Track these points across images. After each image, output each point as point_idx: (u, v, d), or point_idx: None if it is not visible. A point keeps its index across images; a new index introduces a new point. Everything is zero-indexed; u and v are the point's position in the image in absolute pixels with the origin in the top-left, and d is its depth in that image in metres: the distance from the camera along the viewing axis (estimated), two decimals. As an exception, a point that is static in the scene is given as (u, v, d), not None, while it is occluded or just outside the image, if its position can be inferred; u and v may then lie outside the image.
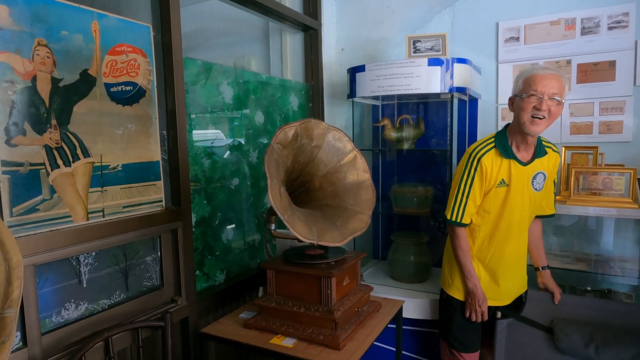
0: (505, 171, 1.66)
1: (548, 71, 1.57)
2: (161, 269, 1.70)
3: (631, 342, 1.63)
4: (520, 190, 1.68)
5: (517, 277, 1.82)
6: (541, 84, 1.54)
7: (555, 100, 1.54)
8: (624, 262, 2.14)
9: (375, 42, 2.58)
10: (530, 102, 1.56)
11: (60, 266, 1.37)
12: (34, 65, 1.24)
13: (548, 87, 1.54)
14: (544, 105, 1.54)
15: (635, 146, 2.20)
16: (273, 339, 1.62)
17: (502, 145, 1.66)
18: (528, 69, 1.62)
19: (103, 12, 1.43)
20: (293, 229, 1.50)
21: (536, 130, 1.58)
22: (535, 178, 1.70)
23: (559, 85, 1.55)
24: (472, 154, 1.68)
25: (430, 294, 2.14)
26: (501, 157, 1.65)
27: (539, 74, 1.56)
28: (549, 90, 1.54)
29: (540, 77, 1.55)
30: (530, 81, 1.57)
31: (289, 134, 1.63)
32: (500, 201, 1.69)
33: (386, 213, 2.62)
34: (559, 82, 1.55)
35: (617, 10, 2.19)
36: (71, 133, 1.34)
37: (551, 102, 1.55)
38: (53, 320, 1.36)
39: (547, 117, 1.55)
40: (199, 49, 2.39)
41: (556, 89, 1.54)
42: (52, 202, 1.30)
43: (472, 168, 1.66)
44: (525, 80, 1.59)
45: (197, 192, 1.87)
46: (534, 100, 1.55)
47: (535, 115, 1.55)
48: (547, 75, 1.55)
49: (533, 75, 1.57)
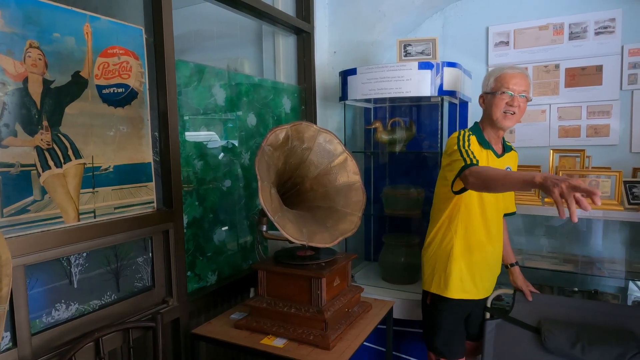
0: (484, 161, 1.70)
1: (516, 70, 1.68)
2: (152, 269, 1.71)
3: (616, 342, 1.66)
4: None
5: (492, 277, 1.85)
6: (512, 82, 1.66)
7: (524, 97, 1.67)
8: (610, 264, 2.17)
9: (367, 46, 2.60)
10: (503, 99, 1.67)
11: (51, 267, 1.38)
12: (25, 67, 1.25)
13: (518, 85, 1.65)
14: (515, 101, 1.65)
15: (622, 149, 2.24)
16: (264, 340, 1.63)
17: (480, 137, 1.73)
18: (497, 68, 1.73)
19: (95, 14, 1.44)
20: (283, 230, 1.51)
21: (509, 124, 1.70)
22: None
23: (526, 84, 1.68)
24: (461, 132, 1.67)
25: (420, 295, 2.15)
26: (480, 146, 1.70)
27: (509, 73, 1.67)
28: (519, 88, 1.65)
29: (510, 76, 1.66)
30: (502, 79, 1.67)
31: (280, 136, 1.65)
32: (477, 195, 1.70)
33: (378, 215, 2.64)
34: (526, 80, 1.68)
35: (604, 16, 2.23)
36: (62, 134, 1.35)
37: (521, 99, 1.67)
38: (43, 321, 1.36)
39: (517, 112, 1.67)
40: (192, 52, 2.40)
41: (524, 86, 1.67)
42: (43, 203, 1.30)
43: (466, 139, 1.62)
44: (496, 78, 1.70)
45: (189, 193, 1.88)
46: (506, 97, 1.66)
47: (507, 110, 1.67)
48: (516, 74, 1.67)
49: (504, 74, 1.67)
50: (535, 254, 2.32)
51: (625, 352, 1.63)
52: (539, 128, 2.40)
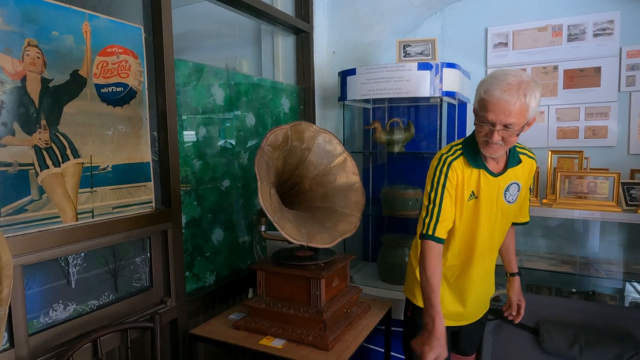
0: (474, 182, 1.46)
1: (505, 96, 1.27)
2: (151, 270, 1.70)
3: (614, 343, 1.67)
4: (490, 204, 1.47)
5: (484, 297, 1.66)
6: (493, 113, 1.29)
7: (510, 130, 1.30)
8: (608, 265, 2.18)
9: (366, 46, 2.60)
10: (482, 130, 1.35)
11: (49, 267, 1.37)
12: (23, 66, 1.24)
13: (501, 115, 1.28)
14: (495, 136, 1.31)
15: (620, 151, 2.24)
16: (262, 340, 1.63)
17: (471, 154, 1.45)
18: (487, 82, 1.33)
19: (94, 13, 1.43)
20: (283, 230, 1.51)
21: (492, 153, 1.39)
22: (508, 190, 1.49)
23: (516, 111, 1.28)
24: (441, 158, 1.47)
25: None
26: (470, 167, 1.45)
27: (493, 100, 1.29)
28: (502, 120, 1.29)
29: (492, 105, 1.29)
30: (483, 105, 1.32)
31: (279, 136, 1.65)
32: (468, 216, 1.48)
33: (376, 215, 2.64)
34: (516, 107, 1.27)
35: (602, 18, 2.24)
36: (61, 133, 1.34)
37: (505, 132, 1.31)
38: (41, 321, 1.35)
39: (502, 144, 1.35)
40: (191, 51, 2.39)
41: (512, 116, 1.28)
42: (41, 202, 1.29)
43: (442, 174, 1.44)
44: (479, 100, 1.35)
45: (188, 193, 1.87)
46: (486, 128, 1.33)
47: (488, 140, 1.35)
48: (502, 102, 1.27)
49: (486, 100, 1.31)
50: (533, 255, 2.33)
51: (623, 353, 1.64)
52: (537, 129, 2.40)
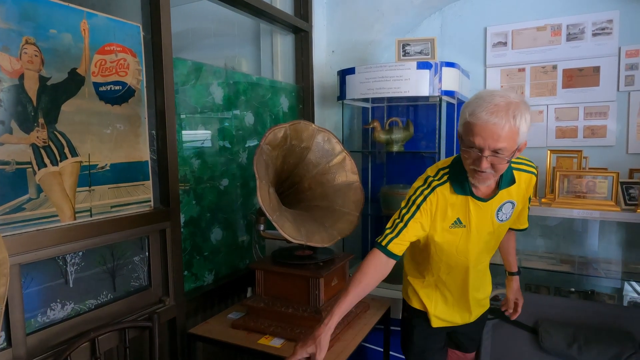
0: (461, 209, 1.35)
1: (493, 118, 1.15)
2: (149, 269, 1.69)
3: (612, 343, 1.67)
4: (480, 231, 1.40)
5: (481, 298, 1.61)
6: (480, 137, 1.17)
7: (500, 155, 1.18)
8: (607, 264, 2.18)
9: (366, 45, 2.60)
10: (469, 156, 1.23)
11: (47, 266, 1.36)
12: (21, 64, 1.23)
13: (489, 141, 1.16)
14: (483, 163, 1.19)
15: (618, 150, 2.25)
16: (261, 339, 1.62)
17: (458, 180, 1.34)
18: (472, 104, 1.21)
19: (92, 11, 1.42)
20: (282, 229, 1.51)
21: (481, 182, 1.28)
22: (501, 209, 1.39)
23: (506, 136, 1.16)
24: (427, 180, 1.38)
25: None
26: (455, 194, 1.35)
27: (479, 123, 1.16)
28: (490, 144, 1.17)
29: (479, 128, 1.16)
30: (469, 129, 1.20)
31: (278, 135, 1.64)
32: (455, 243, 1.40)
33: (375, 214, 2.64)
34: (505, 130, 1.15)
35: (601, 17, 2.24)
36: (59, 132, 1.33)
37: (494, 159, 1.19)
38: (38, 320, 1.34)
39: (492, 172, 1.23)
40: (190, 49, 2.39)
41: (502, 141, 1.16)
42: (39, 201, 1.29)
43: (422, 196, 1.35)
44: (465, 124, 1.22)
45: (186, 192, 1.87)
46: (474, 154, 1.21)
47: (476, 169, 1.23)
48: (490, 125, 1.15)
49: (472, 123, 1.18)
50: (532, 254, 2.33)
51: (622, 352, 1.64)
52: (536, 129, 2.40)
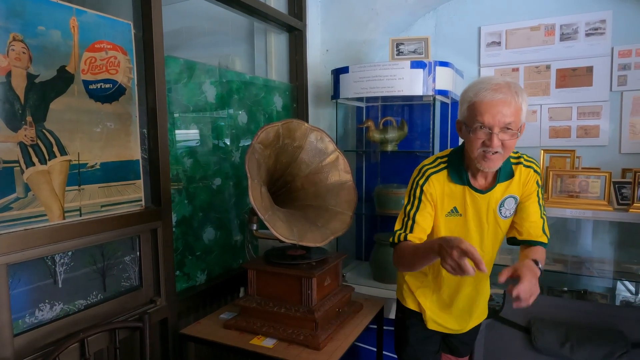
0: (458, 198, 1.37)
1: (498, 94, 1.18)
2: (140, 269, 1.68)
3: (605, 342, 1.67)
4: (478, 222, 1.39)
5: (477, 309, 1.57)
6: (489, 114, 1.18)
7: (510, 131, 1.20)
8: (599, 263, 2.19)
9: (360, 44, 2.59)
10: (478, 138, 1.22)
11: (35, 266, 1.34)
12: (8, 61, 1.21)
13: (499, 116, 1.18)
14: (494, 141, 1.19)
15: (611, 150, 2.25)
16: (253, 340, 1.61)
17: (456, 169, 1.36)
18: (473, 87, 1.23)
19: (82, 8, 1.40)
20: (274, 229, 1.50)
21: (491, 166, 1.26)
22: (504, 205, 1.38)
23: (513, 111, 1.19)
24: (422, 169, 1.39)
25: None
26: (452, 183, 1.36)
27: (486, 101, 1.19)
28: (500, 121, 1.18)
29: (487, 105, 1.18)
30: (476, 110, 1.20)
31: (270, 134, 1.63)
32: (452, 232, 1.38)
33: (369, 214, 2.63)
34: (512, 106, 1.18)
35: (594, 17, 2.24)
36: (47, 130, 1.32)
37: (504, 135, 1.20)
38: (26, 321, 1.33)
39: (501, 152, 1.23)
40: (183, 48, 2.37)
41: (510, 116, 1.18)
42: (27, 200, 1.27)
43: (419, 186, 1.37)
44: (470, 106, 1.23)
45: (178, 191, 1.86)
46: (483, 135, 1.21)
47: (486, 150, 1.23)
48: (497, 101, 1.18)
49: (479, 102, 1.20)
50: (525, 253, 2.32)
51: (614, 351, 1.64)
52: (529, 128, 2.40)
